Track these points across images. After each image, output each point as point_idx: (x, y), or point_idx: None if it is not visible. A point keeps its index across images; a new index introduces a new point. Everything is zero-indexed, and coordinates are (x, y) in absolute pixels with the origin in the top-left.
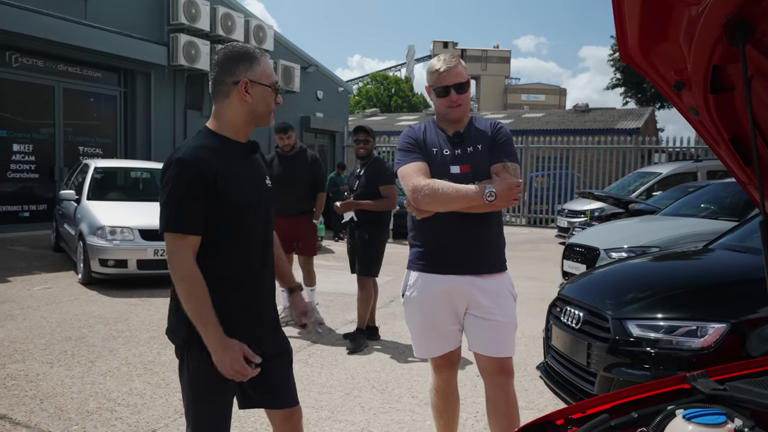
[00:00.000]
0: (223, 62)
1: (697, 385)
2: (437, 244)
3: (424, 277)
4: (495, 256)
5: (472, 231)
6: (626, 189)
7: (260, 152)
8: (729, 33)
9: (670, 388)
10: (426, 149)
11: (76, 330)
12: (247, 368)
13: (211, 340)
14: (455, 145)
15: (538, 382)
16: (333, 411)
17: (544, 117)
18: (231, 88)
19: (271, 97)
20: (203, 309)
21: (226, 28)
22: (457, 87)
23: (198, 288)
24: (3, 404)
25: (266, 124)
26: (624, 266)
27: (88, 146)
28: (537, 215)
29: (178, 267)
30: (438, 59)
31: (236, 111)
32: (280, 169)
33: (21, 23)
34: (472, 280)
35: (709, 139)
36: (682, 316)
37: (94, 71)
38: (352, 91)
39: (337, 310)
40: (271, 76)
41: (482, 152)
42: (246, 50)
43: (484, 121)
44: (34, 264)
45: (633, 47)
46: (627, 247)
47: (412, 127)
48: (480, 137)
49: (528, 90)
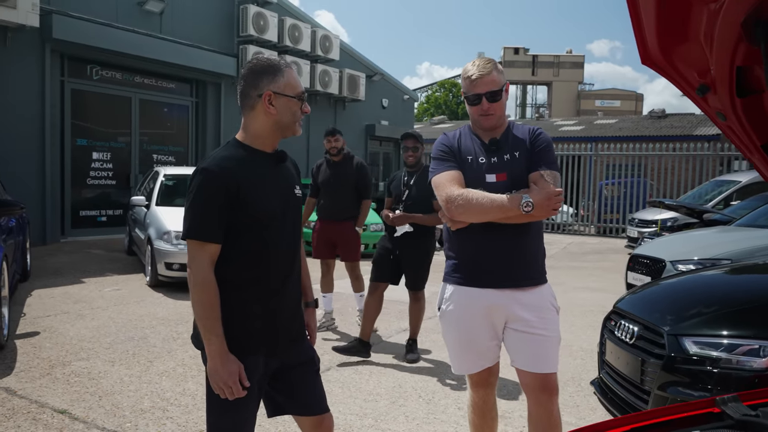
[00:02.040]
0: (247, 76)
1: (727, 409)
2: (473, 256)
3: (461, 290)
4: (534, 268)
5: (510, 242)
6: (702, 198)
7: (291, 161)
8: (749, 31)
9: (699, 411)
10: (461, 157)
11: (139, 330)
12: (239, 387)
13: (211, 349)
14: (491, 152)
15: (591, 398)
16: (377, 419)
17: (617, 123)
18: (256, 101)
19: (296, 107)
20: (211, 318)
21: (293, 38)
22: (490, 95)
23: (210, 296)
24: (65, 399)
25: (293, 134)
26: (684, 279)
27: (162, 154)
28: (607, 225)
29: (195, 273)
30: (472, 64)
31: (262, 122)
32: (327, 174)
33: (102, 38)
34: (512, 293)
35: (741, 146)
36: (744, 333)
37: (168, 82)
38: (417, 99)
39: (392, 318)
40: (296, 87)
41: (519, 160)
42: (270, 63)
43: (523, 128)
44: (108, 266)
45: (653, 49)
46: (696, 260)
47: (447, 134)
48: (518, 144)
49: (602, 96)
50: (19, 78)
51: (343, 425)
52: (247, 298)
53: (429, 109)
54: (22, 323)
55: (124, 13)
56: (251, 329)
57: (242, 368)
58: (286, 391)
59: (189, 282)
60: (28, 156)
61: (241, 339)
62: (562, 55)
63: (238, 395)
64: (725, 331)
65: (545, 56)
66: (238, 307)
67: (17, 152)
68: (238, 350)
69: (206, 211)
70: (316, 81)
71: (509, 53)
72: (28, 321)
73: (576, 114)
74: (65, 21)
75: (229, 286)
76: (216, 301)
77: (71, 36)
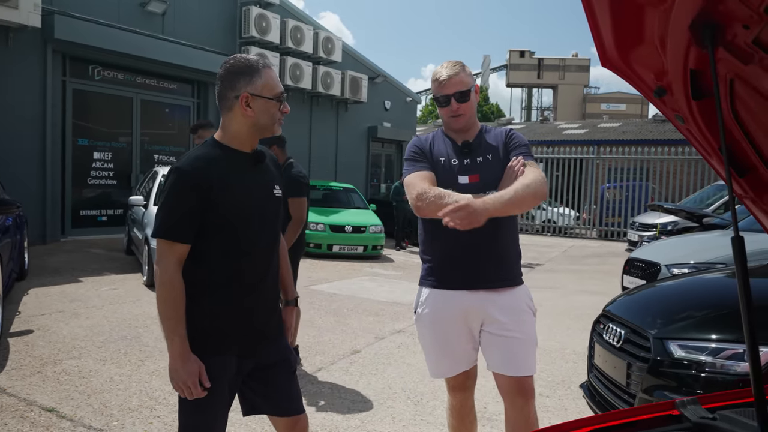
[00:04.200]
0: (224, 77)
1: (686, 412)
2: (446, 258)
3: (435, 293)
4: (509, 269)
5: (482, 243)
6: (704, 202)
7: (272, 160)
8: (697, 34)
9: (660, 414)
10: (432, 159)
11: (132, 330)
12: (198, 388)
13: (173, 349)
14: (464, 155)
15: (580, 401)
16: (363, 420)
17: (621, 127)
18: (233, 102)
19: (274, 109)
20: (174, 318)
21: (295, 40)
22: (458, 96)
23: (175, 296)
24: (54, 398)
25: (272, 134)
26: (676, 283)
27: (163, 154)
28: (609, 228)
29: (162, 272)
30: (441, 67)
31: (240, 123)
32: None
33: (104, 38)
34: (486, 295)
35: (701, 149)
36: (729, 338)
37: (170, 83)
38: (420, 101)
39: (387, 319)
40: (273, 87)
41: (492, 162)
42: (247, 64)
43: (496, 131)
44: (106, 266)
45: (611, 51)
46: (692, 263)
47: (419, 136)
48: (490, 147)
49: (608, 99)
50: (20, 78)
51: (330, 426)
52: (220, 298)
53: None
54: (16, 321)
55: (126, 14)
56: (224, 329)
57: (203, 368)
58: (261, 391)
59: (155, 280)
60: (30, 155)
61: (214, 339)
62: (568, 59)
63: (198, 396)
64: (710, 335)
65: (551, 59)
66: (210, 307)
67: (18, 151)
68: (208, 350)
69: (177, 210)
70: (318, 83)
71: (515, 56)
72: (23, 319)
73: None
74: (67, 21)
75: (203, 286)
76: (181, 301)
77: (73, 36)
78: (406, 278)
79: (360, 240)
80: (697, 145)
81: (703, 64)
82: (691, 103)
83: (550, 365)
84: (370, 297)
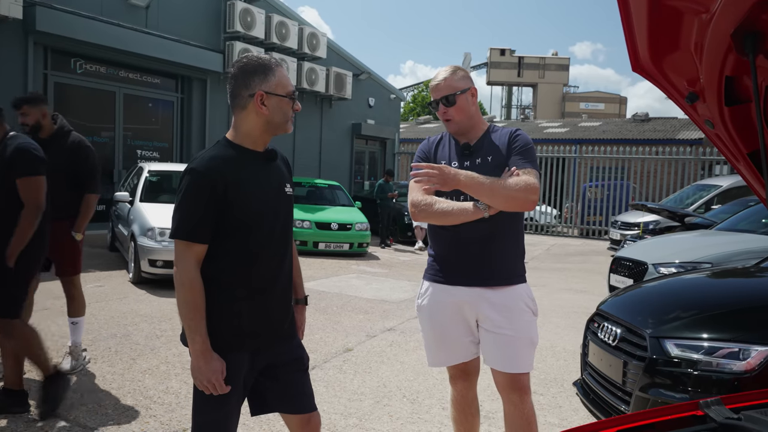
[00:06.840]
0: (238, 75)
1: (710, 412)
2: (445, 254)
3: (434, 286)
4: (507, 267)
5: (480, 241)
6: (684, 202)
7: (282, 159)
8: (738, 42)
9: (682, 414)
10: (436, 162)
11: (121, 328)
12: (222, 384)
13: (195, 348)
14: (464, 156)
15: (574, 399)
16: (361, 419)
17: (601, 126)
18: (247, 101)
19: (287, 107)
20: (195, 318)
21: (280, 35)
22: (444, 100)
23: (195, 296)
24: None
25: (284, 132)
26: (666, 282)
27: (146, 150)
28: (590, 227)
29: (181, 273)
30: (437, 71)
31: (253, 122)
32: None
33: (86, 31)
34: (480, 292)
35: (728, 154)
36: (725, 336)
37: (153, 77)
38: (404, 98)
39: (377, 317)
40: (286, 86)
41: (492, 164)
42: (261, 62)
43: (503, 131)
44: (90, 262)
45: (644, 57)
46: (678, 263)
47: (428, 138)
48: (493, 149)
49: (587, 98)
50: (1, 71)
51: (328, 424)
52: (235, 297)
53: (415, 108)
54: None
55: (110, 7)
56: (238, 327)
57: (225, 366)
58: (274, 389)
59: (175, 281)
60: None
61: (228, 337)
62: (548, 57)
63: (222, 392)
64: (706, 334)
65: (531, 58)
66: (226, 306)
67: None
68: (224, 348)
69: (194, 211)
70: (303, 79)
71: (495, 54)
72: None
73: (561, 116)
74: (49, 13)
75: (218, 285)
76: (201, 301)
77: (55, 29)
78: (392, 276)
79: (346, 237)
80: (724, 149)
81: (738, 71)
82: (723, 109)
83: (541, 363)
84: (358, 295)
